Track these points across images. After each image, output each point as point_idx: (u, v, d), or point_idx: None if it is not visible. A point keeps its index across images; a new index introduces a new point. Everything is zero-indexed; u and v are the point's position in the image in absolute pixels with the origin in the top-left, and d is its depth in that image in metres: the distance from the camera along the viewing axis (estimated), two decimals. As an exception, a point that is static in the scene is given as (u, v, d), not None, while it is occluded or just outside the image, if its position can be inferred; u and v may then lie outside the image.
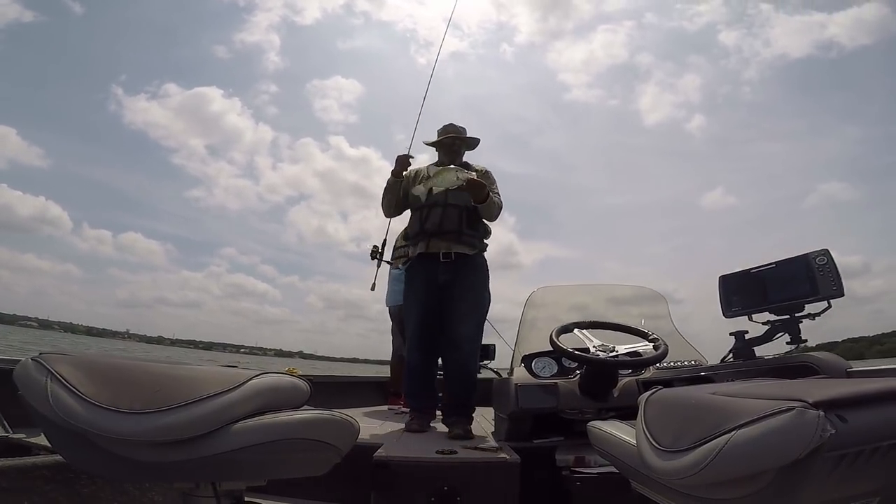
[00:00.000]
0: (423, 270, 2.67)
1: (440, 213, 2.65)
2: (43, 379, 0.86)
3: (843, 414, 0.75)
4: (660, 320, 2.50)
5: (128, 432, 0.85)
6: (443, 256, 2.61)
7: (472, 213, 2.63)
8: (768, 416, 0.75)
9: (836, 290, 1.51)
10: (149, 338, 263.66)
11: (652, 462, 0.92)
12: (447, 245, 2.62)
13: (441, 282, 2.61)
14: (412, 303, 2.72)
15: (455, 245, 2.62)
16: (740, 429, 0.76)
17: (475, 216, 2.65)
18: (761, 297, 1.69)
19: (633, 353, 2.04)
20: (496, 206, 2.64)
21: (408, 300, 2.75)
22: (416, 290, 2.70)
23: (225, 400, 0.93)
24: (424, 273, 2.66)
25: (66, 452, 0.96)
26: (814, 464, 0.74)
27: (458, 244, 2.62)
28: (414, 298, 2.70)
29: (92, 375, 0.89)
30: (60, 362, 0.89)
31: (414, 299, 2.70)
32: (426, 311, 2.64)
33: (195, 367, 1.02)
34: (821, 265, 1.52)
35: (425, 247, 2.65)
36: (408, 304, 2.75)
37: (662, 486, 0.95)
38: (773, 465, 0.75)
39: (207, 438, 0.90)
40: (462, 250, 2.62)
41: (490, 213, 2.64)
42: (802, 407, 0.74)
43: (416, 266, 2.71)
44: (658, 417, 0.99)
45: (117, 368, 0.95)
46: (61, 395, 0.85)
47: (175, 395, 0.89)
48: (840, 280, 1.50)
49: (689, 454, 0.83)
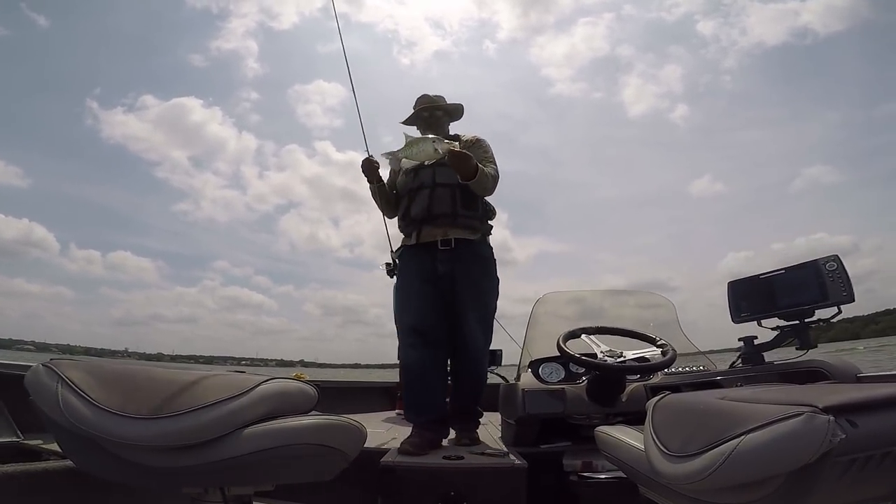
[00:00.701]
0: (417, 260, 2.27)
1: (427, 194, 2.26)
2: (53, 384, 0.87)
3: (853, 419, 0.74)
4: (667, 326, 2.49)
5: (137, 437, 0.86)
6: (441, 244, 2.23)
7: (465, 191, 2.21)
8: (778, 420, 0.75)
9: (847, 295, 1.49)
10: (148, 355, 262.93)
11: (660, 467, 0.92)
12: (443, 231, 2.24)
13: (440, 272, 2.22)
14: (406, 297, 2.27)
15: (451, 230, 2.24)
16: (749, 433, 0.76)
17: (471, 195, 2.24)
18: (770, 303, 1.67)
19: (640, 358, 2.03)
20: (490, 179, 2.22)
21: (401, 294, 2.30)
22: (410, 283, 2.27)
23: (234, 405, 0.93)
24: (418, 263, 2.26)
25: (77, 457, 0.97)
26: (823, 468, 0.74)
27: (454, 228, 2.24)
28: (408, 293, 2.26)
29: (102, 381, 0.90)
30: (71, 368, 0.90)
31: (408, 293, 2.26)
32: (425, 306, 2.22)
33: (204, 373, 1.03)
34: (830, 271, 1.51)
35: (416, 237, 2.28)
36: (401, 299, 2.29)
37: (670, 490, 0.95)
38: (783, 470, 0.75)
39: (216, 443, 0.91)
40: (462, 235, 2.25)
41: (483, 187, 2.21)
42: (812, 412, 0.74)
43: (408, 255, 2.31)
44: (666, 422, 0.99)
45: (127, 374, 0.96)
46: (72, 401, 0.86)
47: (184, 401, 0.90)
48: (850, 286, 1.49)
49: (697, 459, 0.83)
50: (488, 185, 2.22)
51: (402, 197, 2.37)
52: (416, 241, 2.29)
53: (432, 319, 2.21)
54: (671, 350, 1.99)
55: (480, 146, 2.36)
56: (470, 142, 2.36)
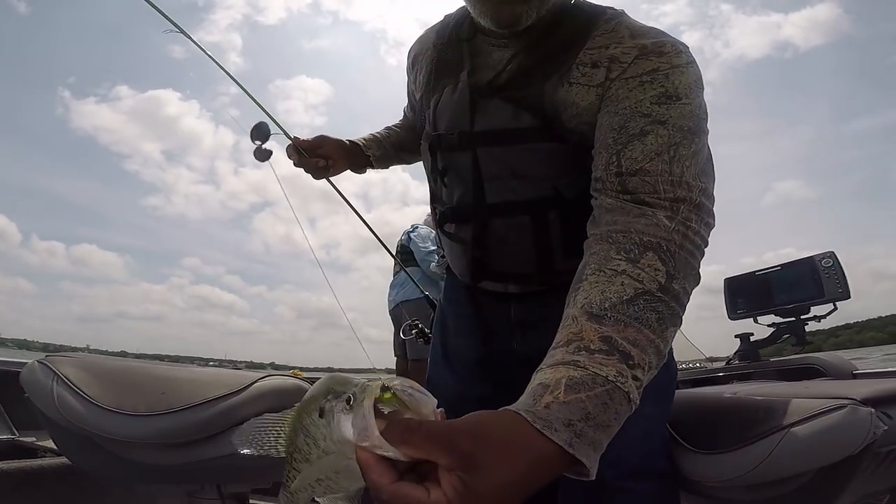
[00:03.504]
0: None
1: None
2: (49, 381, 0.87)
3: (888, 411, 0.75)
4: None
5: (133, 434, 0.85)
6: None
7: None
8: (822, 413, 0.75)
9: (842, 292, 1.50)
10: (111, 353, 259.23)
11: (687, 465, 0.89)
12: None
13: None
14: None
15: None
16: (793, 427, 0.76)
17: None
18: (767, 300, 1.68)
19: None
20: None
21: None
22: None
23: (230, 403, 0.93)
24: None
25: (72, 454, 0.97)
26: (864, 459, 0.74)
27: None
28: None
29: (97, 378, 0.90)
30: (66, 365, 0.90)
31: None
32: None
33: (200, 370, 1.02)
34: (826, 267, 1.52)
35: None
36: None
37: (691, 488, 0.93)
38: (828, 462, 0.75)
39: (212, 441, 0.91)
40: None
41: None
42: (854, 404, 0.74)
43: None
44: (684, 419, 0.97)
45: (123, 371, 0.96)
46: (67, 398, 0.85)
47: (180, 398, 0.89)
48: (846, 282, 1.50)
49: (734, 454, 0.81)
50: None
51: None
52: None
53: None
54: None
55: None
56: None
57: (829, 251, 1.54)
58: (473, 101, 0.79)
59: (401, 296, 3.06)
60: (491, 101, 0.78)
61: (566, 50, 0.75)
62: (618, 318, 0.52)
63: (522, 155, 0.78)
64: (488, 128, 0.79)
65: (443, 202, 0.89)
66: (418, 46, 0.94)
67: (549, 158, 0.77)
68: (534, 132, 0.76)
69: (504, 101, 0.77)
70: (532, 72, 0.76)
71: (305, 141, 0.99)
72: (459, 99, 0.81)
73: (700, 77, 0.70)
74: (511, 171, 0.79)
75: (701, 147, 0.66)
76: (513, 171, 0.79)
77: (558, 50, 0.76)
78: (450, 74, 0.84)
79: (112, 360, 1.00)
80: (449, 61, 0.85)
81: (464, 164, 0.82)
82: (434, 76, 0.87)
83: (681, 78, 0.67)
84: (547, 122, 0.75)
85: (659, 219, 0.59)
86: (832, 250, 1.54)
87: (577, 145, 0.74)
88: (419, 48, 0.93)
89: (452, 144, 0.82)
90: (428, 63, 0.89)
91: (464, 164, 0.82)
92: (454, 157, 0.83)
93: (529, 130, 0.76)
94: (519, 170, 0.79)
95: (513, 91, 0.77)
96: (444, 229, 0.90)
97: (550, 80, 0.74)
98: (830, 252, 1.54)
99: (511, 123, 0.77)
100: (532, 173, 0.79)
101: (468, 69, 0.81)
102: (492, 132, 0.78)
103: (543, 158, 0.77)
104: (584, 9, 0.80)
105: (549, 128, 0.75)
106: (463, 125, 0.80)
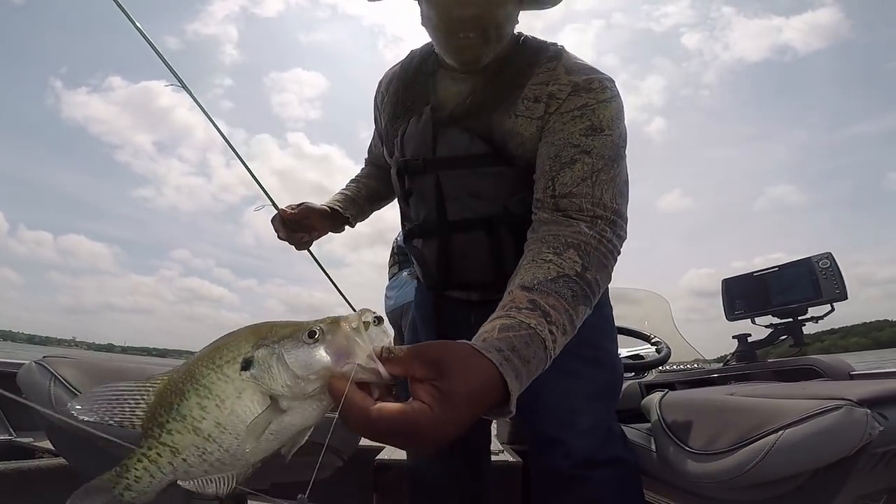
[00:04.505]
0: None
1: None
2: (46, 382, 0.86)
3: (884, 412, 0.75)
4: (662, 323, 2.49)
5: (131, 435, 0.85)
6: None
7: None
8: (817, 414, 0.75)
9: (839, 293, 1.50)
10: (98, 345, 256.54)
11: (683, 466, 0.90)
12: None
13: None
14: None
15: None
16: (789, 428, 0.76)
17: None
18: (764, 301, 1.68)
19: (635, 356, 2.03)
20: None
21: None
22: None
23: (227, 403, 0.93)
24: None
25: (69, 455, 0.96)
26: (860, 460, 0.74)
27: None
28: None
29: (95, 379, 0.89)
30: (63, 365, 0.90)
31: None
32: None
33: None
34: (824, 268, 1.52)
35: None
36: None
37: (685, 488, 0.93)
38: (824, 463, 0.75)
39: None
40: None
41: None
42: (850, 405, 0.74)
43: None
44: (681, 420, 0.98)
45: (120, 372, 0.96)
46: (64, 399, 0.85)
47: (178, 398, 0.89)
48: (843, 283, 1.50)
49: (731, 455, 0.81)
50: None
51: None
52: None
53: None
54: (665, 347, 1.99)
55: None
56: None
57: (827, 252, 1.55)
58: (436, 130, 0.92)
59: (401, 297, 3.05)
60: (450, 130, 0.92)
61: (513, 85, 0.88)
62: (542, 290, 0.66)
63: (478, 178, 0.91)
64: (448, 154, 0.92)
65: (410, 219, 1.01)
66: (386, 80, 1.05)
67: (500, 180, 0.91)
68: (487, 157, 0.89)
69: (462, 130, 0.91)
70: (485, 105, 0.89)
71: (292, 213, 1.07)
72: (423, 129, 0.93)
73: (622, 107, 0.85)
74: (469, 191, 0.92)
75: (618, 172, 0.81)
76: (470, 192, 0.92)
77: (507, 85, 0.89)
78: (415, 106, 0.96)
79: (109, 361, 1.00)
80: (414, 93, 0.98)
81: (428, 186, 0.95)
82: (401, 107, 0.99)
83: (605, 112, 0.82)
84: (497, 149, 0.88)
85: (581, 228, 0.75)
86: (830, 252, 1.54)
87: (523, 168, 0.87)
88: (387, 81, 1.04)
89: (418, 169, 0.95)
90: (394, 95, 1.01)
91: (428, 186, 0.95)
92: (419, 180, 0.96)
93: (483, 156, 0.90)
94: (475, 190, 0.92)
95: (469, 121, 0.90)
96: (413, 244, 1.02)
97: (499, 112, 0.88)
98: (828, 253, 1.54)
99: (468, 150, 0.90)
100: (486, 193, 0.92)
101: (433, 102, 0.94)
102: (451, 158, 0.92)
103: (495, 180, 0.91)
104: (531, 45, 0.93)
105: (499, 154, 0.88)
106: (426, 152, 0.93)
